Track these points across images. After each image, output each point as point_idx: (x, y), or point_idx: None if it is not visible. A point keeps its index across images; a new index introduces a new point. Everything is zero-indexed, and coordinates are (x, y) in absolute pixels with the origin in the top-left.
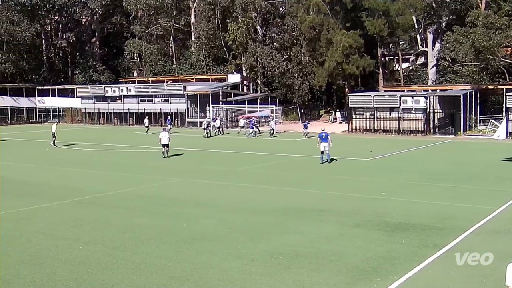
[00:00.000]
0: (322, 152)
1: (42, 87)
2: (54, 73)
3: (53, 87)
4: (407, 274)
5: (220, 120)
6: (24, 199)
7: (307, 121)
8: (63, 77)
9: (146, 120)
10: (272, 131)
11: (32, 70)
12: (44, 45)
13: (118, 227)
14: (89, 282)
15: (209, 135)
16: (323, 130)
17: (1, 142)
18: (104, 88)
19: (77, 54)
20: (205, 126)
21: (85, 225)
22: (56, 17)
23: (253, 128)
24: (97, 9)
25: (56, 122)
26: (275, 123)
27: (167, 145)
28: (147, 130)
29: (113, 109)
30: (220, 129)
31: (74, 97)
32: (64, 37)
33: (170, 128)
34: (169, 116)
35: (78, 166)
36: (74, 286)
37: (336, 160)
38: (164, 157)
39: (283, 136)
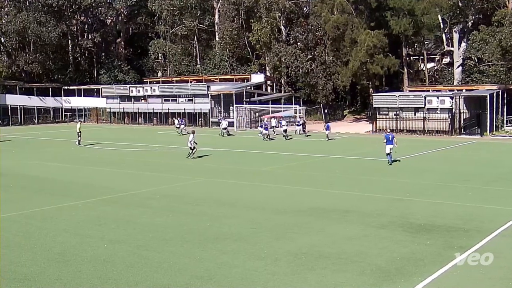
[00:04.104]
0: (388, 154)
1: (68, 87)
2: (80, 73)
3: (79, 87)
4: (431, 276)
5: (228, 121)
6: (50, 198)
7: (326, 123)
8: (89, 77)
9: (176, 121)
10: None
11: (58, 70)
12: (70, 46)
13: (142, 226)
14: (114, 280)
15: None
16: (390, 131)
17: (27, 140)
18: (129, 88)
19: (103, 54)
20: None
21: (110, 223)
22: (82, 18)
23: (266, 129)
24: (122, 10)
25: (80, 121)
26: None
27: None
28: (181, 130)
29: (138, 108)
30: (226, 130)
31: (99, 97)
32: (89, 37)
33: (182, 129)
34: (177, 118)
35: (104, 165)
36: (98, 284)
37: (400, 160)
38: (187, 157)
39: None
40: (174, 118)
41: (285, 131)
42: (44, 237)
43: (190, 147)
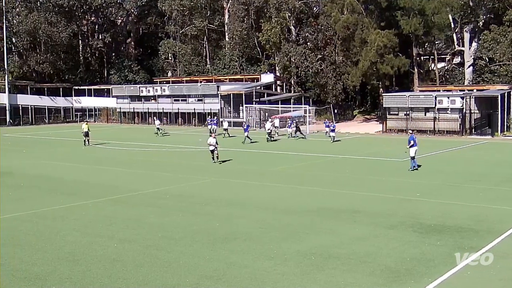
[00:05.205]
0: (413, 158)
1: (79, 87)
2: (90, 73)
3: (89, 87)
4: (441, 277)
5: (228, 122)
6: (60, 197)
7: (332, 123)
8: (99, 77)
9: (157, 122)
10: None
11: (69, 70)
12: (80, 46)
13: (151, 226)
14: (124, 280)
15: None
16: (411, 132)
17: (38, 140)
18: (139, 88)
19: (113, 54)
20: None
21: (120, 223)
22: (92, 18)
23: (247, 131)
24: (132, 10)
25: (86, 121)
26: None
27: (212, 151)
28: (159, 131)
29: (148, 108)
30: (227, 130)
31: (109, 97)
32: (100, 37)
33: (162, 130)
34: (157, 118)
35: (113, 165)
36: (108, 283)
37: (420, 166)
38: (214, 162)
39: (316, 136)
40: (154, 118)
41: (269, 133)
42: (54, 237)
43: (214, 149)
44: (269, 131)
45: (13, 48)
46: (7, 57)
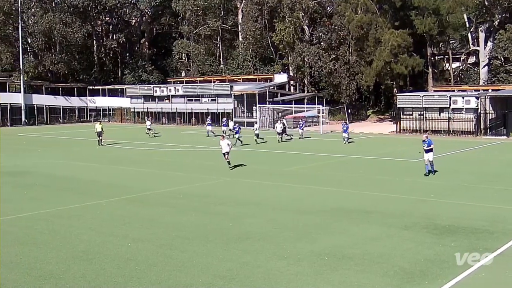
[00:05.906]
0: (429, 162)
1: (93, 87)
2: (105, 73)
3: (104, 87)
4: (455, 278)
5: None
6: (75, 196)
7: (346, 124)
8: (113, 77)
9: (148, 122)
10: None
11: (84, 70)
12: (95, 46)
13: (165, 225)
14: (137, 279)
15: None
16: (427, 137)
17: (53, 140)
18: (153, 88)
19: (127, 54)
20: (279, 131)
21: (134, 222)
22: (106, 18)
23: (238, 133)
24: (146, 10)
25: (99, 121)
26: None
27: (226, 153)
28: (151, 131)
29: (162, 108)
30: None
31: (123, 96)
32: (114, 37)
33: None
34: (149, 119)
35: (128, 164)
36: (122, 282)
37: (437, 171)
38: (230, 168)
39: (330, 136)
40: (146, 118)
41: (257, 135)
42: (69, 235)
43: (228, 152)
44: (281, 131)
45: (28, 48)
46: (23, 57)
